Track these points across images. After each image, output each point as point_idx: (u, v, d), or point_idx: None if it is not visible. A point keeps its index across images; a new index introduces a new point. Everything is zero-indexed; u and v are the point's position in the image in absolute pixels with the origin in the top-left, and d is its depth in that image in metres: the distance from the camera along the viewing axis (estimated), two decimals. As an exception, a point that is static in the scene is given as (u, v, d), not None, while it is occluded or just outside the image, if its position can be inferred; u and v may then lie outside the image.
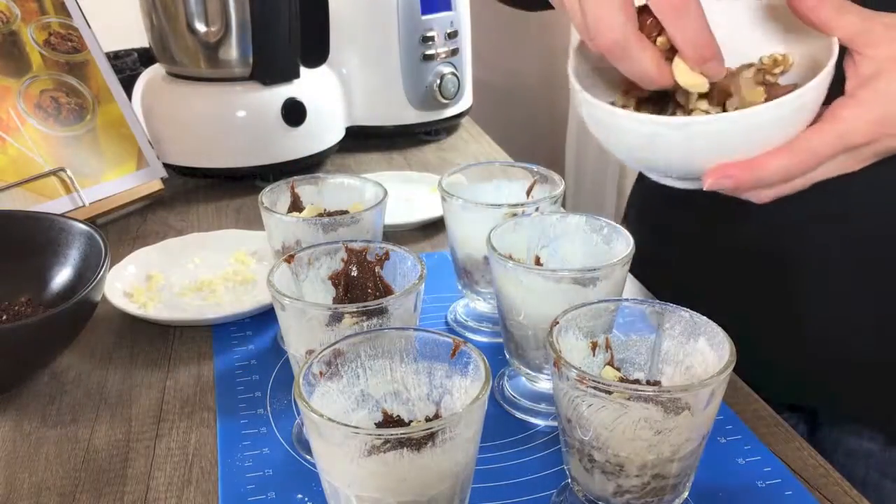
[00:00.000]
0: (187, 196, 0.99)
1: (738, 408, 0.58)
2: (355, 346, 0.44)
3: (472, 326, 0.70)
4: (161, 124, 1.00)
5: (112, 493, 0.51)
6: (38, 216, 0.69)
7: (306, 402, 0.38)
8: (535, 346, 0.56)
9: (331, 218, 0.62)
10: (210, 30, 0.95)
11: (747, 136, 0.44)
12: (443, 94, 1.14)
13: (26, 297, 0.66)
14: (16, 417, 0.58)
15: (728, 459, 0.53)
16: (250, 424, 0.57)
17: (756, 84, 0.47)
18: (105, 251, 0.64)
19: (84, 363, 0.64)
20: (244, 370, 0.63)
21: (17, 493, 0.51)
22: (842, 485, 0.51)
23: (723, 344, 0.43)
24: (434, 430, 0.37)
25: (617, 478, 0.43)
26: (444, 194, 0.66)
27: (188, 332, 0.69)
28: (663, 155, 0.46)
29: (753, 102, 0.45)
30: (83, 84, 0.91)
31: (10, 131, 0.83)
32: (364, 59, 1.12)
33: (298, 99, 0.99)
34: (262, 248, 0.79)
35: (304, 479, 0.51)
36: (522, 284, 0.53)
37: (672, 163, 0.47)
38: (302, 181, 0.69)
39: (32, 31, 0.88)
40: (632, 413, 0.40)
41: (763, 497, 0.50)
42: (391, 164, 1.11)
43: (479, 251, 0.65)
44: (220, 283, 0.74)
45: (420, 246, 0.86)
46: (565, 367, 0.41)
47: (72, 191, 0.85)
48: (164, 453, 0.54)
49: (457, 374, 0.43)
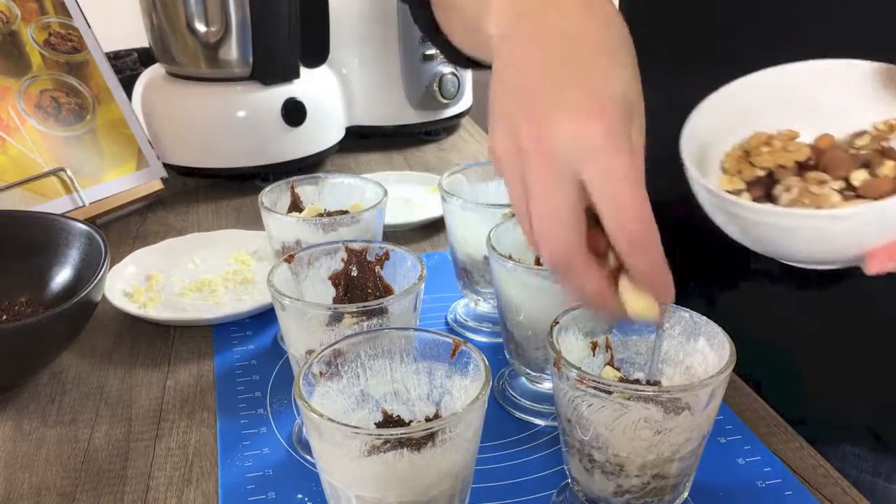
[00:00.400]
0: (187, 196, 0.99)
1: (738, 408, 0.58)
2: (355, 346, 0.44)
3: (472, 326, 0.70)
4: (161, 124, 1.00)
5: (112, 493, 0.51)
6: (38, 216, 0.69)
7: (306, 402, 0.38)
8: (535, 346, 0.56)
9: (331, 218, 0.62)
10: (210, 30, 0.95)
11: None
12: (443, 94, 1.14)
13: (26, 297, 0.66)
14: (16, 417, 0.58)
15: (728, 459, 0.53)
16: (250, 424, 0.57)
17: (874, 152, 0.46)
18: (105, 251, 0.64)
19: (84, 363, 0.64)
20: (244, 370, 0.63)
21: (17, 493, 0.51)
22: (841, 484, 0.51)
23: (723, 344, 0.43)
24: (434, 430, 0.37)
25: (617, 478, 0.43)
26: (444, 194, 0.66)
27: (188, 332, 0.69)
28: (815, 245, 0.43)
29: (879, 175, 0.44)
30: (83, 84, 0.91)
31: (10, 131, 0.83)
32: (364, 59, 1.12)
33: (298, 99, 0.99)
34: (262, 248, 0.79)
35: (304, 479, 0.51)
36: (522, 284, 0.53)
37: (815, 249, 0.43)
38: (302, 181, 0.69)
39: (32, 31, 0.88)
40: (632, 413, 0.40)
41: (763, 497, 0.50)
42: (391, 164, 1.11)
43: (479, 251, 0.65)
44: (220, 283, 0.74)
45: (420, 246, 0.86)
46: (565, 367, 0.41)
47: (72, 191, 0.85)
48: (164, 453, 0.54)
49: (457, 374, 0.43)
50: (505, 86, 0.39)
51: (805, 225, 0.41)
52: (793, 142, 0.49)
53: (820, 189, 0.45)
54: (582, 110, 0.35)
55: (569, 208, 0.36)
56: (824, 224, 0.41)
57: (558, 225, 0.37)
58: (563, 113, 0.36)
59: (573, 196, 0.36)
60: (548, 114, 0.36)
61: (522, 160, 0.37)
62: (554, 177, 0.36)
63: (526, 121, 0.37)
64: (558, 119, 0.36)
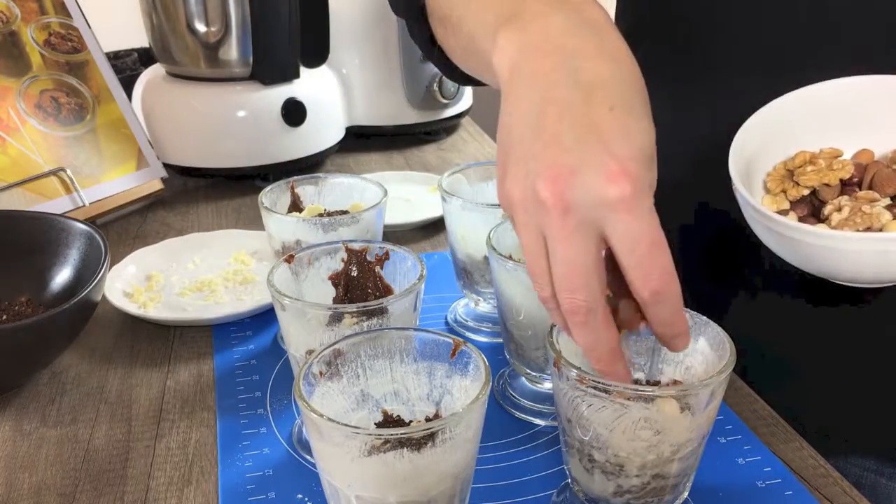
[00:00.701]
0: (187, 196, 0.99)
1: (738, 408, 0.58)
2: (355, 346, 0.44)
3: (472, 326, 0.70)
4: (161, 124, 1.00)
5: (112, 493, 0.51)
6: (38, 216, 0.69)
7: (306, 402, 0.38)
8: (535, 346, 0.56)
9: (331, 218, 0.62)
10: (210, 30, 0.95)
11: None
12: (443, 94, 1.14)
13: (26, 297, 0.66)
14: (16, 417, 0.58)
15: (728, 459, 0.53)
16: (250, 424, 0.57)
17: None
18: (105, 251, 0.64)
19: (84, 363, 0.64)
20: (244, 370, 0.63)
21: (17, 493, 0.51)
22: (841, 484, 0.51)
23: (723, 344, 0.43)
24: (434, 430, 0.37)
25: (617, 478, 0.43)
26: (444, 194, 0.66)
27: (188, 331, 0.69)
28: (870, 266, 0.43)
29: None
30: (83, 84, 0.91)
31: (10, 131, 0.83)
32: (364, 59, 1.12)
33: (298, 99, 0.99)
34: (262, 248, 0.79)
35: (304, 479, 0.51)
36: (522, 284, 0.53)
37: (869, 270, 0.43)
38: (302, 181, 0.69)
39: (32, 31, 0.88)
40: (632, 413, 0.40)
41: (763, 497, 0.50)
42: (391, 164, 1.11)
43: (479, 251, 0.65)
44: (220, 283, 0.74)
45: (420, 246, 0.86)
46: (565, 367, 0.41)
47: (72, 191, 0.85)
48: (164, 453, 0.54)
49: (457, 374, 0.43)
50: (520, 130, 0.39)
51: (865, 248, 0.42)
52: (837, 160, 0.49)
53: (871, 208, 0.45)
54: (605, 170, 0.36)
55: (592, 260, 0.37)
56: (885, 247, 0.41)
57: (582, 274, 0.37)
58: (588, 170, 0.36)
59: (594, 249, 0.37)
60: (571, 170, 0.36)
61: (541, 212, 0.37)
62: (577, 230, 0.36)
63: (547, 174, 0.37)
64: (582, 177, 0.36)
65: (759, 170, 0.51)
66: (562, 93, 0.38)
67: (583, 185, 0.36)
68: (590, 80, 0.38)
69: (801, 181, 0.48)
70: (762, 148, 0.50)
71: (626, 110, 0.37)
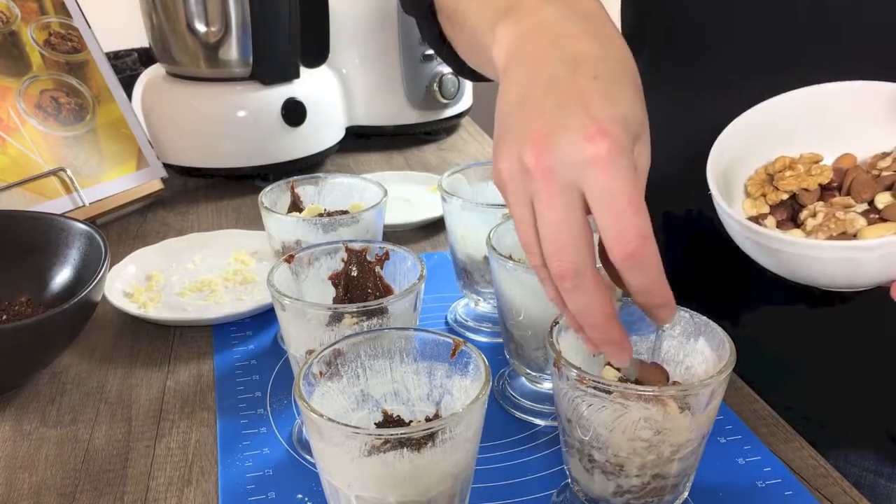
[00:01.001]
0: (187, 196, 0.99)
1: (738, 408, 0.58)
2: (355, 346, 0.44)
3: (472, 326, 0.70)
4: (161, 124, 1.00)
5: (112, 493, 0.51)
6: (38, 216, 0.69)
7: (306, 402, 0.38)
8: (535, 346, 0.56)
9: (331, 218, 0.62)
10: (210, 30, 0.95)
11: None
12: (443, 94, 1.14)
13: (26, 297, 0.66)
14: (16, 417, 0.58)
15: (728, 459, 0.53)
16: (250, 424, 0.57)
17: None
18: (105, 251, 0.64)
19: (84, 363, 0.64)
20: (244, 370, 0.63)
21: (17, 493, 0.51)
22: (841, 484, 0.51)
23: (723, 344, 0.43)
24: (434, 430, 0.37)
25: (617, 478, 0.43)
26: (444, 194, 0.66)
27: (188, 331, 0.69)
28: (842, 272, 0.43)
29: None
30: (83, 84, 0.91)
31: (10, 131, 0.83)
32: (364, 59, 1.12)
33: (298, 99, 0.99)
34: (262, 248, 0.79)
35: (304, 479, 0.51)
36: (522, 284, 0.53)
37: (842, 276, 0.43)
38: (302, 181, 0.69)
39: (32, 31, 0.88)
40: (632, 413, 0.40)
41: (763, 497, 0.50)
42: (391, 164, 1.11)
43: (479, 251, 0.65)
44: (220, 283, 0.74)
45: (420, 246, 0.86)
46: (565, 367, 0.41)
47: (72, 191, 0.85)
48: (164, 453, 0.54)
49: (457, 374, 0.43)
50: (509, 110, 0.40)
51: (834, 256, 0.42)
52: (816, 165, 0.49)
53: (845, 214, 0.45)
54: (584, 131, 0.36)
55: (576, 221, 0.37)
56: (852, 255, 0.41)
57: (566, 235, 0.37)
58: (567, 133, 0.36)
59: (578, 209, 0.37)
60: (551, 133, 0.37)
61: (527, 179, 0.37)
62: (561, 193, 0.37)
63: (529, 142, 0.37)
64: (561, 138, 0.36)
65: (741, 174, 0.51)
66: (548, 69, 0.39)
67: (561, 146, 0.36)
68: (575, 55, 0.39)
69: (781, 185, 0.48)
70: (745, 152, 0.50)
71: (610, 80, 0.38)
